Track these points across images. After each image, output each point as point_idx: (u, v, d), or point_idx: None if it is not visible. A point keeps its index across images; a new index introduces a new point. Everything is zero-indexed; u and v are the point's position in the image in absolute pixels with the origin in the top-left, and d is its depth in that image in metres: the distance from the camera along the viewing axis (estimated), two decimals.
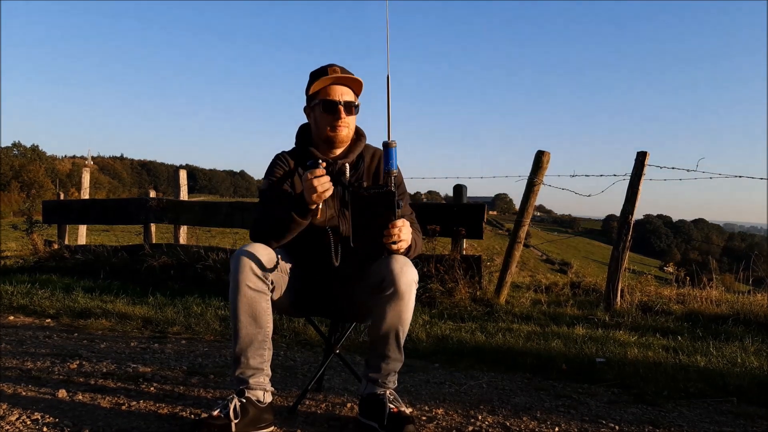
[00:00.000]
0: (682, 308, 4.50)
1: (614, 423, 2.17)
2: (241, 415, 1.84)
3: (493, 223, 55.78)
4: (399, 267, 1.84)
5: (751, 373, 2.80)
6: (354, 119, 2.08)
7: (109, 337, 3.51)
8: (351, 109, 2.04)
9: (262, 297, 1.89)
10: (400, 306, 1.87)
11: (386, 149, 1.86)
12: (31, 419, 1.97)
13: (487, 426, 2.09)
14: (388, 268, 1.84)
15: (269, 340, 1.95)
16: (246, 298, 1.86)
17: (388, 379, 2.00)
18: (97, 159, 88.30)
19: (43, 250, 6.98)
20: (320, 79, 2.01)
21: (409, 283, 1.85)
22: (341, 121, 2.02)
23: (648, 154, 4.63)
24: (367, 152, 2.14)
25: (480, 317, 4.19)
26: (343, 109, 2.01)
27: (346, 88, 2.05)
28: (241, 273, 1.84)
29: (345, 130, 2.04)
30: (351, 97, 2.05)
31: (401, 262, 1.86)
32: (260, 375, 1.93)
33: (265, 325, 1.91)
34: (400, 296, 1.85)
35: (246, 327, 1.89)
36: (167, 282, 5.34)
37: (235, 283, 1.85)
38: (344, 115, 2.02)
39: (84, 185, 8.30)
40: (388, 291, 1.84)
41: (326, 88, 2.03)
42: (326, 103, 2.02)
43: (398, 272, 1.83)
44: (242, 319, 1.88)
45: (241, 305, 1.87)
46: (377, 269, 1.88)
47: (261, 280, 1.87)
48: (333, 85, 2.03)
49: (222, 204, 6.51)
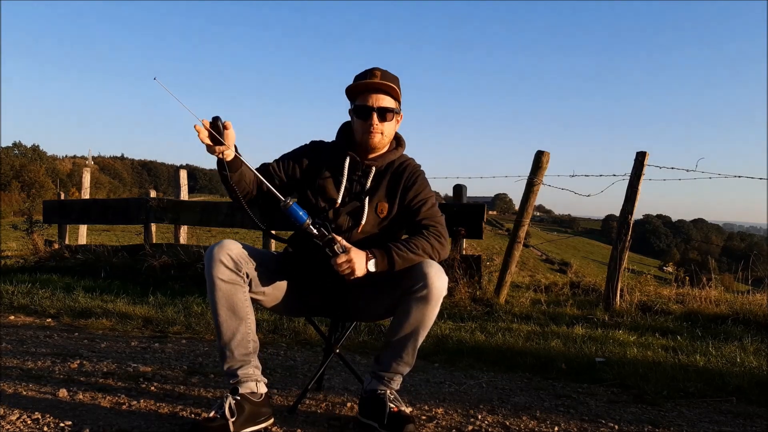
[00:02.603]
0: (681, 308, 4.51)
1: (614, 422, 2.17)
2: (237, 412, 1.84)
3: (492, 223, 55.79)
4: (434, 272, 1.86)
5: (751, 373, 2.80)
6: (390, 125, 2.06)
7: (110, 337, 3.51)
8: (386, 116, 2.03)
9: (237, 289, 1.89)
10: (427, 309, 1.88)
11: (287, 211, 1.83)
12: (31, 419, 1.98)
13: (486, 425, 2.09)
14: (423, 271, 1.85)
15: (253, 332, 1.96)
16: (221, 292, 1.87)
17: (394, 379, 2.01)
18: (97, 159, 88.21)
19: (44, 250, 6.98)
20: (358, 83, 2.02)
21: (441, 289, 1.87)
22: (374, 127, 2.02)
23: (647, 154, 4.64)
24: (396, 163, 2.11)
25: (480, 317, 4.20)
26: (376, 114, 2.01)
27: (383, 95, 2.03)
28: (213, 268, 1.86)
29: (378, 136, 2.04)
30: (389, 104, 2.04)
31: (436, 267, 1.88)
32: (248, 366, 1.94)
33: (245, 317, 1.92)
34: (430, 300, 1.86)
35: (226, 320, 1.90)
36: (167, 282, 5.35)
37: (209, 278, 1.87)
38: (377, 121, 2.02)
39: (84, 185, 8.30)
40: (420, 293, 1.85)
41: (364, 93, 2.03)
42: (360, 108, 2.03)
43: (433, 277, 1.85)
44: (221, 312, 1.89)
45: (218, 299, 1.88)
46: (412, 272, 1.88)
47: (234, 273, 1.88)
48: (370, 90, 2.02)
49: (222, 204, 6.52)
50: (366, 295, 2.03)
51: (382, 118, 2.03)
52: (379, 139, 2.04)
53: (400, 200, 2.06)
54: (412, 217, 2.04)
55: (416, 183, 2.07)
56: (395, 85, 2.03)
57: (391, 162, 2.10)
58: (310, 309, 2.19)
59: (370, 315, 2.13)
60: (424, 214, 2.04)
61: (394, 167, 2.10)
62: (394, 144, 2.15)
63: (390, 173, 2.09)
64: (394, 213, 2.06)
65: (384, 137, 2.06)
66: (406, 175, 2.08)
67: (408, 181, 2.07)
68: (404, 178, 2.07)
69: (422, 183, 2.09)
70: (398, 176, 2.08)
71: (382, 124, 2.03)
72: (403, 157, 2.15)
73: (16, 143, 60.25)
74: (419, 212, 2.04)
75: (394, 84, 2.03)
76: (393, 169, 2.10)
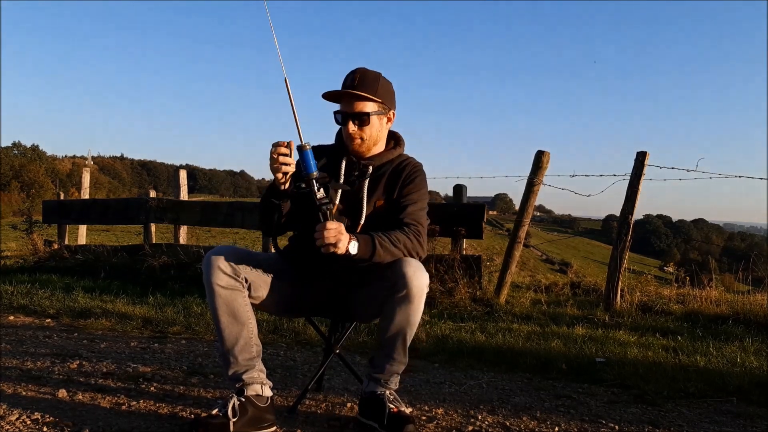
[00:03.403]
0: (681, 308, 4.51)
1: (614, 423, 2.17)
2: (240, 414, 1.84)
3: (493, 223, 55.75)
4: (412, 271, 1.85)
5: (751, 373, 2.80)
6: (372, 128, 2.04)
7: (109, 337, 3.51)
8: (363, 120, 2.01)
9: (237, 294, 1.90)
10: (410, 309, 1.87)
11: (300, 153, 1.84)
12: (31, 419, 1.97)
13: (486, 426, 2.09)
14: (402, 271, 1.84)
15: (255, 336, 1.96)
16: (221, 298, 1.87)
17: (391, 379, 2.00)
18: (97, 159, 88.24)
19: (43, 250, 6.98)
20: (329, 92, 2.02)
21: (420, 287, 1.86)
22: (353, 133, 2.02)
23: (648, 154, 4.64)
24: (395, 162, 2.11)
25: (480, 317, 4.19)
26: (351, 121, 2.01)
27: (359, 101, 2.00)
28: (212, 275, 1.86)
29: (357, 141, 2.03)
30: (368, 108, 2.01)
31: (414, 266, 1.87)
32: (253, 370, 1.94)
33: (246, 322, 1.92)
34: (411, 299, 1.86)
35: (228, 326, 1.90)
36: (167, 282, 5.34)
37: (208, 285, 1.87)
38: (354, 127, 2.02)
39: (84, 185, 8.30)
40: (400, 293, 1.85)
41: (341, 97, 2.03)
42: (337, 115, 2.06)
43: (411, 275, 1.84)
44: (222, 319, 1.89)
45: (218, 306, 1.88)
46: (391, 271, 1.87)
47: (232, 278, 1.88)
48: (345, 96, 2.02)
49: (222, 204, 6.53)
50: (361, 296, 2.03)
51: (360, 123, 2.02)
52: (359, 144, 2.04)
53: (396, 196, 2.05)
54: (397, 213, 2.01)
55: (413, 182, 2.05)
56: (370, 89, 2.01)
57: (389, 161, 2.10)
58: (309, 310, 2.18)
59: (366, 315, 2.13)
60: (409, 211, 2.01)
61: (394, 165, 2.09)
62: (392, 143, 2.14)
63: (389, 172, 2.08)
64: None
65: (367, 141, 2.05)
66: (405, 173, 2.07)
67: (407, 179, 2.06)
68: (403, 176, 2.06)
69: (418, 184, 2.06)
70: (398, 174, 2.07)
71: (361, 129, 2.02)
72: (403, 156, 2.14)
73: (16, 143, 60.34)
74: (405, 210, 2.01)
75: (370, 87, 2.01)
76: (393, 168, 2.09)
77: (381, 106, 2.06)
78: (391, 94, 2.11)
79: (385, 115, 2.09)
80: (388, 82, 2.10)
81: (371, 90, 2.01)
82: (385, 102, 2.07)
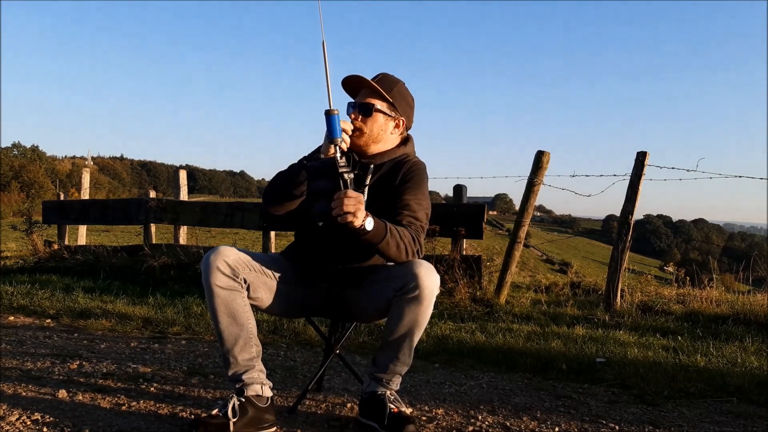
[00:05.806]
0: (682, 308, 4.50)
1: (614, 423, 2.17)
2: (240, 414, 1.84)
3: (493, 223, 55.76)
4: (424, 271, 1.83)
5: (751, 373, 2.80)
6: (376, 124, 2.05)
7: (109, 338, 3.51)
8: (369, 111, 2.04)
9: (236, 295, 1.89)
10: (419, 309, 1.86)
11: (328, 117, 1.83)
12: (31, 419, 1.97)
13: (487, 426, 2.09)
14: (414, 271, 1.83)
15: (255, 337, 1.96)
16: (220, 299, 1.87)
17: (393, 380, 2.00)
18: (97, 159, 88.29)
19: (43, 251, 6.98)
20: (345, 78, 2.07)
21: (432, 288, 1.85)
22: (353, 119, 2.04)
23: (648, 154, 4.63)
24: (397, 159, 2.10)
25: (480, 317, 4.19)
26: (355, 109, 2.05)
27: (371, 97, 2.05)
28: (211, 276, 1.85)
29: (356, 131, 2.03)
30: (374, 101, 2.05)
31: (426, 266, 1.85)
32: (253, 370, 1.94)
33: (246, 323, 1.92)
34: (422, 300, 1.84)
35: (227, 327, 1.89)
36: (167, 282, 5.34)
37: (207, 286, 1.87)
38: (359, 116, 2.04)
39: (84, 185, 8.29)
40: (411, 294, 1.83)
41: (358, 92, 2.09)
42: (349, 104, 2.10)
43: (423, 276, 1.82)
44: (222, 320, 1.89)
45: (217, 307, 1.88)
46: (402, 271, 1.86)
47: (231, 279, 1.87)
48: (357, 87, 2.08)
49: (222, 204, 6.52)
50: (363, 296, 2.02)
51: (363, 113, 2.03)
52: (357, 135, 2.03)
53: (394, 192, 2.03)
54: (396, 210, 1.98)
55: (412, 179, 2.03)
56: (385, 88, 2.03)
57: (392, 159, 2.09)
58: (309, 310, 2.18)
59: (367, 316, 2.13)
60: (409, 210, 1.98)
61: (395, 162, 2.08)
62: (399, 142, 2.14)
63: (390, 168, 2.07)
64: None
65: (365, 136, 2.04)
66: (404, 169, 2.05)
67: (406, 176, 2.03)
68: (402, 173, 2.04)
69: (417, 181, 2.03)
70: (397, 170, 2.05)
71: (363, 121, 2.03)
72: (407, 154, 2.13)
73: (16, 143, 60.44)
74: (405, 208, 1.98)
75: (386, 86, 2.03)
76: (393, 165, 2.08)
77: (391, 107, 2.06)
78: (407, 103, 2.12)
79: (394, 120, 2.09)
80: (407, 91, 2.12)
81: (386, 89, 2.03)
82: (397, 106, 2.07)
